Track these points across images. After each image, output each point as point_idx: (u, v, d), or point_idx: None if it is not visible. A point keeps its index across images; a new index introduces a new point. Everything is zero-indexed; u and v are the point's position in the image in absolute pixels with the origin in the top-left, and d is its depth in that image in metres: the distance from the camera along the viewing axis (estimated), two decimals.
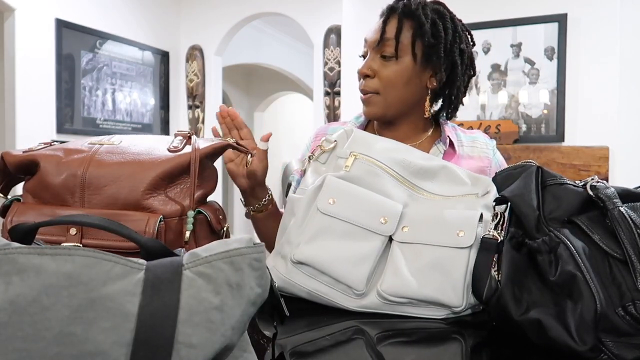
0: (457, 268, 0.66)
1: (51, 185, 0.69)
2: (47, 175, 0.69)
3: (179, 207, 0.70)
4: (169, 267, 0.39)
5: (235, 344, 0.41)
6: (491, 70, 3.03)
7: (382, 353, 0.57)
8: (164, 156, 0.71)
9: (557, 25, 2.86)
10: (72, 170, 0.69)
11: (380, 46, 1.00)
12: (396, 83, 1.00)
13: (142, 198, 0.68)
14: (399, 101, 1.03)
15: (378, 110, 1.03)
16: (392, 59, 1.00)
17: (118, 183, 0.68)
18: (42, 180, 0.69)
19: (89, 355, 0.35)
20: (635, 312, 0.51)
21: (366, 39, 1.03)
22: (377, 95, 1.01)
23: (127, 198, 0.68)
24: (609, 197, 0.56)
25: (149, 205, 0.69)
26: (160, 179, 0.69)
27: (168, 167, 0.70)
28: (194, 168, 0.70)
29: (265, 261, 0.43)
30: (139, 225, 0.66)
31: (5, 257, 0.36)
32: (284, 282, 0.71)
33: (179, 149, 0.73)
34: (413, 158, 0.79)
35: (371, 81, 1.01)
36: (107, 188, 0.68)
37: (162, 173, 0.70)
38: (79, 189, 0.68)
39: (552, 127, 2.90)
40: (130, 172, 0.69)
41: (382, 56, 1.00)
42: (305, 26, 4.31)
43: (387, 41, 0.99)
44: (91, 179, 0.68)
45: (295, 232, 0.72)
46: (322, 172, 0.79)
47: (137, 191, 0.68)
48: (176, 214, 0.70)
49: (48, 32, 3.51)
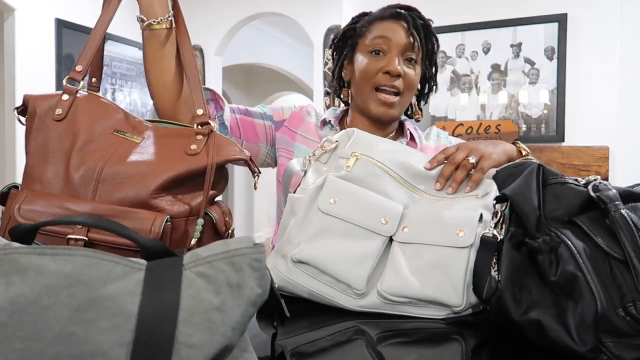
0: (457, 268, 0.66)
1: (69, 175, 0.69)
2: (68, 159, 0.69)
3: (187, 207, 0.71)
4: (169, 267, 0.39)
5: (235, 344, 0.41)
6: (491, 70, 3.03)
7: (382, 353, 0.57)
8: (179, 159, 0.71)
9: (557, 25, 2.86)
10: (92, 164, 0.69)
11: (408, 50, 1.04)
12: (415, 86, 1.08)
13: (150, 197, 0.68)
14: (407, 103, 1.10)
15: (398, 111, 1.09)
16: (415, 63, 1.07)
17: (130, 181, 0.69)
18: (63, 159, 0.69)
19: (89, 355, 0.35)
20: (635, 313, 0.51)
21: (389, 37, 1.05)
22: (399, 97, 1.06)
23: (136, 196, 0.68)
24: (610, 199, 0.56)
25: (157, 204, 0.69)
26: (172, 181, 0.70)
27: (182, 171, 0.70)
28: (209, 178, 0.70)
29: (265, 261, 0.43)
30: (145, 224, 0.65)
31: (5, 257, 0.36)
32: (284, 281, 0.71)
33: (197, 152, 0.72)
34: (413, 160, 0.79)
35: (398, 81, 1.03)
36: (120, 185, 0.69)
37: (175, 176, 0.70)
38: (94, 182, 0.68)
39: (552, 127, 2.90)
40: (144, 172, 0.69)
41: (409, 59, 1.05)
42: (305, 26, 4.31)
43: (415, 47, 1.05)
44: (107, 175, 0.69)
45: (295, 232, 0.72)
46: (323, 172, 0.79)
47: (146, 190, 0.68)
48: (184, 215, 0.70)
49: (48, 32, 3.51)
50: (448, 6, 2.96)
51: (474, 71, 3.06)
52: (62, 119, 0.71)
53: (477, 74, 3.05)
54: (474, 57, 3.05)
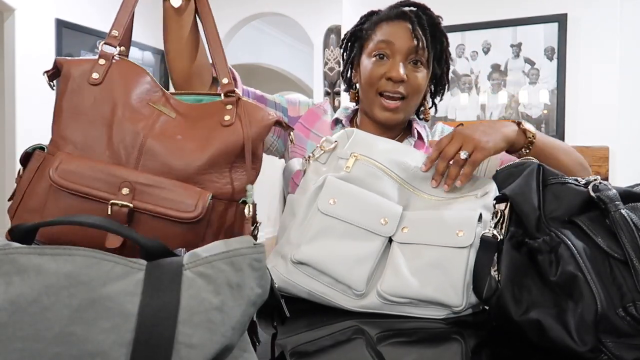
0: (457, 268, 0.66)
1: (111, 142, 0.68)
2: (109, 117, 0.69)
3: (229, 188, 0.70)
4: (169, 268, 0.39)
5: (235, 344, 0.41)
6: (491, 70, 3.03)
7: (382, 353, 0.57)
8: (218, 133, 0.72)
9: (557, 25, 2.86)
10: (134, 134, 0.68)
11: (412, 53, 1.02)
12: (421, 89, 1.05)
13: (197, 173, 0.68)
14: (415, 106, 1.08)
15: (402, 116, 1.07)
16: (422, 66, 1.04)
17: (174, 156, 0.69)
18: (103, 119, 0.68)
19: (89, 355, 0.35)
20: (635, 313, 0.51)
21: (392, 41, 1.03)
22: (403, 101, 1.04)
23: (182, 170, 0.68)
24: (610, 199, 0.56)
25: (201, 181, 0.69)
26: (216, 157, 0.70)
27: (222, 145, 0.70)
28: (248, 147, 0.71)
29: (265, 262, 0.43)
30: (192, 197, 0.66)
31: (5, 257, 0.36)
32: (284, 282, 0.71)
33: (232, 123, 0.72)
34: (413, 160, 0.79)
35: (402, 86, 1.02)
36: (163, 158, 0.69)
37: (217, 152, 0.70)
38: (137, 152, 0.68)
39: (552, 127, 2.90)
40: (188, 148, 0.69)
41: (414, 62, 1.03)
42: (305, 26, 4.31)
43: (420, 50, 1.02)
44: (150, 147, 0.69)
45: (295, 232, 0.72)
46: (322, 172, 0.79)
47: (192, 166, 0.68)
48: (225, 197, 0.70)
49: (48, 32, 3.51)
50: (448, 6, 2.96)
51: (474, 71, 3.06)
52: (99, 84, 0.71)
53: (477, 74, 3.05)
54: (474, 57, 3.05)
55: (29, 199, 0.65)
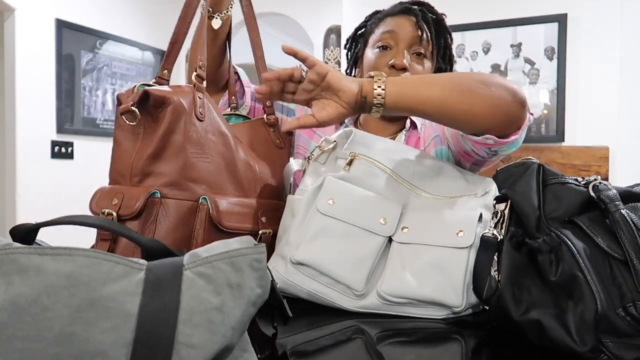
0: (457, 268, 0.66)
1: (237, 175, 0.75)
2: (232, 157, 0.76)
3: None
4: (169, 268, 0.39)
5: (235, 345, 0.41)
6: (491, 70, 3.03)
7: (382, 353, 0.57)
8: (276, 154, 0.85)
9: (557, 25, 2.86)
10: (248, 165, 0.77)
11: (416, 44, 1.02)
12: None
13: (280, 191, 0.81)
14: None
15: None
16: (425, 58, 1.04)
17: (268, 180, 0.77)
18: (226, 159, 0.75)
19: (89, 355, 0.35)
20: (635, 313, 0.51)
21: (395, 31, 1.03)
22: None
23: (273, 194, 0.80)
24: (610, 199, 0.56)
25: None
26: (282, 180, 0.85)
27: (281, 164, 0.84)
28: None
29: (265, 262, 0.43)
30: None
31: (6, 257, 0.36)
32: (283, 282, 0.71)
33: (283, 146, 0.86)
34: (412, 159, 0.79)
35: (405, 75, 1.01)
36: (265, 182, 0.80)
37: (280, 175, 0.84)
38: (254, 182, 0.78)
39: (552, 127, 2.90)
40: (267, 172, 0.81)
41: (417, 54, 1.03)
42: (305, 26, 4.31)
43: (424, 41, 1.02)
44: (259, 174, 0.77)
45: (294, 233, 0.72)
46: (321, 172, 0.79)
47: (276, 190, 0.81)
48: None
49: (48, 32, 3.51)
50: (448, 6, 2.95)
51: (474, 71, 3.05)
52: (204, 119, 0.72)
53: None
54: (474, 57, 3.05)
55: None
